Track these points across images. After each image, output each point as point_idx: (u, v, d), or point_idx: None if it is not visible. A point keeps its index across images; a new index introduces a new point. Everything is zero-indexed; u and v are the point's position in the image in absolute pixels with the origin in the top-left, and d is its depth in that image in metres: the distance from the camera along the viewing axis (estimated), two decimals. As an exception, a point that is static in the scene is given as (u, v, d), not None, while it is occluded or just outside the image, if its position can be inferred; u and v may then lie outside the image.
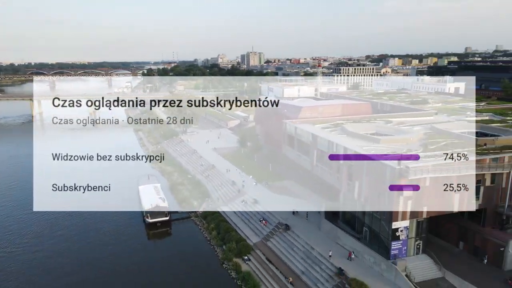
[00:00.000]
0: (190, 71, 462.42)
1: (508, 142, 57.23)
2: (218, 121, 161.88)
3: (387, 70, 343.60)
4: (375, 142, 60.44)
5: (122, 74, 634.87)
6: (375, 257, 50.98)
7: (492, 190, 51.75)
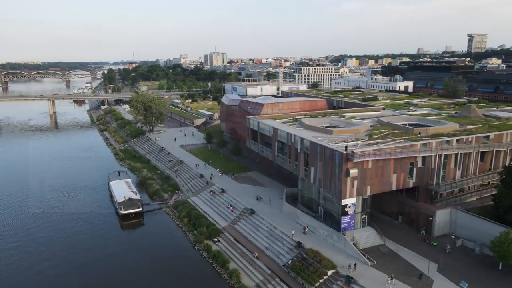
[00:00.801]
0: (153, 72, 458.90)
1: (438, 131, 67.35)
2: (184, 120, 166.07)
3: (345, 70, 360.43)
4: (328, 133, 68.61)
5: (80, 74, 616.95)
6: (328, 230, 59.02)
7: (423, 170, 61.26)
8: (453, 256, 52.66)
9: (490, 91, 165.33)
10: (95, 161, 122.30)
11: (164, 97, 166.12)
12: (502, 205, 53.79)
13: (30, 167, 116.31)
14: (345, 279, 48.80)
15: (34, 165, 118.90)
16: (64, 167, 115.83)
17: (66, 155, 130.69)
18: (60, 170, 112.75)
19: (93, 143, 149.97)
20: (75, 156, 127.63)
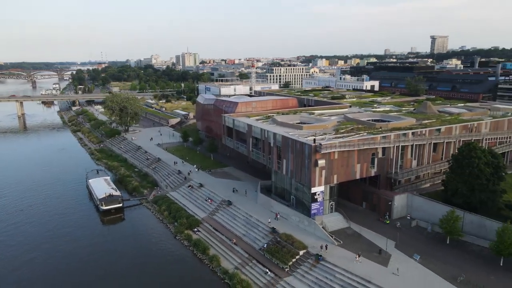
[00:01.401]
0: (124, 72, 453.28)
1: (396, 125, 74.55)
2: (159, 120, 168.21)
3: (315, 70, 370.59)
4: (299, 129, 74.29)
5: (47, 75, 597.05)
6: (300, 216, 64.72)
7: (384, 160, 68.08)
8: (408, 234, 59.57)
9: (448, 90, 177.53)
10: (70, 161, 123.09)
11: (138, 98, 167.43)
12: (450, 188, 61.23)
13: (3, 168, 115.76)
14: (315, 257, 54.55)
15: (7, 166, 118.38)
16: (39, 167, 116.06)
17: (40, 155, 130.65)
18: (35, 170, 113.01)
19: (67, 144, 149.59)
20: (50, 157, 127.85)
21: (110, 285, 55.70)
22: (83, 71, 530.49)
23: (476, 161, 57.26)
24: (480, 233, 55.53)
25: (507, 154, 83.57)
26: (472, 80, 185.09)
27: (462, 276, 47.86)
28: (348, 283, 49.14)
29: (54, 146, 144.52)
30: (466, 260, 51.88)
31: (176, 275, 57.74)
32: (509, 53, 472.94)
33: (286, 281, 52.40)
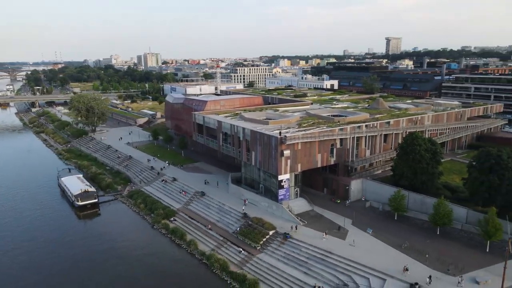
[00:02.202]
0: (83, 73, 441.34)
1: (352, 119, 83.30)
2: (126, 120, 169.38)
3: (277, 70, 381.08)
4: (265, 124, 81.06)
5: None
6: (269, 202, 71.60)
7: (341, 150, 76.42)
8: (363, 213, 68.04)
9: (400, 88, 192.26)
10: (38, 161, 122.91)
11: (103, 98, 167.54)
12: (397, 173, 70.50)
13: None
14: (283, 235, 61.53)
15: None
16: (5, 169, 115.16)
17: (5, 158, 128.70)
18: (3, 172, 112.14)
19: (31, 145, 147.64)
20: (16, 158, 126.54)
21: (97, 273, 59.17)
22: (38, 72, 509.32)
23: (418, 148, 66.62)
24: (421, 209, 64.93)
25: (446, 143, 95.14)
26: (421, 79, 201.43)
27: (406, 243, 56.68)
28: (313, 255, 56.53)
29: (19, 148, 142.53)
30: (410, 231, 60.94)
31: (156, 260, 62.36)
32: (455, 54, 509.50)
33: (258, 257, 58.95)
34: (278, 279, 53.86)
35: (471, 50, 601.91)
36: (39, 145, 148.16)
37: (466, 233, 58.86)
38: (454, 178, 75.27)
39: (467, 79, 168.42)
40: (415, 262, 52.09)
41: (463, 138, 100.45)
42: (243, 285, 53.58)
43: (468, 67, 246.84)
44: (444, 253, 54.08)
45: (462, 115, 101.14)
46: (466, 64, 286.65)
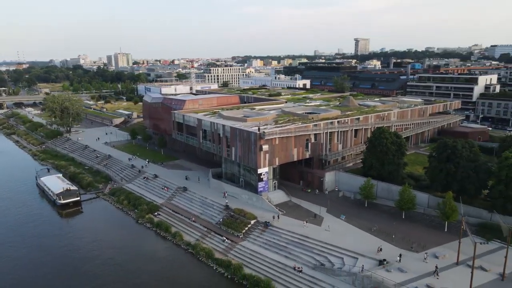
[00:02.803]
0: (51, 73, 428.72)
1: (325, 116, 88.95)
2: (102, 120, 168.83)
3: (251, 70, 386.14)
4: (243, 121, 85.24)
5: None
6: (249, 194, 75.90)
7: (316, 145, 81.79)
8: (336, 202, 73.60)
9: (368, 87, 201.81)
10: (12, 163, 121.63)
11: (78, 98, 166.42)
12: (366, 164, 76.61)
13: None
14: (264, 224, 66.02)
15: None
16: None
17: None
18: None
19: (2, 147, 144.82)
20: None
21: (86, 267, 61.23)
22: (3, 72, 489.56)
23: (385, 141, 72.85)
24: (389, 196, 71.19)
25: (411, 137, 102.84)
26: (388, 79, 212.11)
27: (375, 227, 62.55)
28: (291, 240, 61.33)
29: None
30: (379, 216, 66.97)
31: (144, 251, 65.26)
32: (420, 55, 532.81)
33: (241, 245, 63.11)
34: (260, 263, 58.23)
35: (435, 51, 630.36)
36: (11, 147, 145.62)
37: (428, 216, 65.51)
38: (417, 168, 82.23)
39: (429, 78, 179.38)
40: (384, 242, 57.88)
41: (426, 132, 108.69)
42: (228, 270, 57.58)
43: (431, 67, 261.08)
44: (409, 233, 60.27)
45: (424, 111, 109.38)
46: (429, 64, 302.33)
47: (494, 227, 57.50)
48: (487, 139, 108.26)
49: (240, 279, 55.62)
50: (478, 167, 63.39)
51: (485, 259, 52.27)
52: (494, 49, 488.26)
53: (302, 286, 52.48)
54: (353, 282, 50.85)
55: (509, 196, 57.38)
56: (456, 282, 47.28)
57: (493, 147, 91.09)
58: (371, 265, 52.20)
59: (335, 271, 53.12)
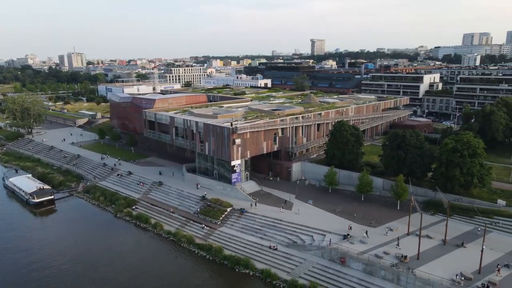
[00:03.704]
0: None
1: (290, 112, 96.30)
2: (64, 121, 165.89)
3: (212, 71, 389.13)
4: (214, 118, 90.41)
5: None
6: (223, 185, 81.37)
7: (283, 138, 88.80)
8: (304, 189, 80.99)
9: (326, 86, 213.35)
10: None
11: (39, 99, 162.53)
12: (329, 154, 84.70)
13: None
14: (239, 211, 71.85)
15: None
16: None
17: None
18: None
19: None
20: None
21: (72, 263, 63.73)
22: None
23: (345, 133, 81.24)
24: (349, 182, 79.62)
25: (367, 130, 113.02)
26: (344, 78, 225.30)
27: (339, 208, 70.54)
28: (266, 223, 67.70)
29: None
30: (342, 200, 75.13)
31: (128, 242, 68.73)
32: (372, 55, 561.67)
33: (220, 230, 68.52)
34: (239, 245, 64.00)
35: (385, 51, 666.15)
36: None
37: (383, 197, 74.66)
38: (373, 157, 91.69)
39: (381, 77, 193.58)
40: (347, 221, 65.81)
41: (380, 126, 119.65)
42: (209, 252, 62.78)
43: (382, 67, 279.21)
44: (368, 212, 68.81)
45: (378, 107, 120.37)
46: (381, 64, 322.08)
47: (437, 203, 67.40)
48: (432, 131, 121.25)
49: (221, 259, 61.04)
50: (423, 153, 73.34)
51: (430, 229, 61.66)
52: (438, 50, 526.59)
53: (278, 262, 58.91)
54: (322, 254, 58.09)
55: (449, 177, 67.46)
56: (408, 248, 55.83)
57: (437, 137, 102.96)
58: (337, 240, 59.73)
59: (306, 247, 60.16)
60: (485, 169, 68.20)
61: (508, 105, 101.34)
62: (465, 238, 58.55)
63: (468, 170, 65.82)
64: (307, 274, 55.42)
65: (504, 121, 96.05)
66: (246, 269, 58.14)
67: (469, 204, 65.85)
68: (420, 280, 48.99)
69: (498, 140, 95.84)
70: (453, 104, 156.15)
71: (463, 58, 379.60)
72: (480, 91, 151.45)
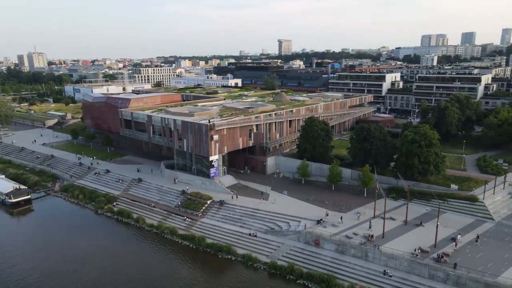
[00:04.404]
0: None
1: (263, 109, 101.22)
2: (32, 122, 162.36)
3: (181, 71, 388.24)
4: (191, 116, 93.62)
5: None
6: (202, 180, 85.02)
7: (258, 134, 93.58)
8: (279, 181, 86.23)
9: (295, 85, 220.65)
10: None
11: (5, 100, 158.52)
12: (301, 148, 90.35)
13: None
14: (219, 202, 75.89)
15: None
16: None
17: None
18: None
19: None
20: None
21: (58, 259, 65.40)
22: None
23: (315, 128, 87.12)
24: (321, 174, 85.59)
25: (335, 126, 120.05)
26: (312, 77, 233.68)
27: (312, 197, 76.20)
28: (245, 213, 72.17)
29: None
30: (314, 190, 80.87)
31: (111, 236, 70.97)
32: (337, 56, 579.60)
33: (201, 221, 72.27)
34: (220, 234, 68.05)
35: (350, 52, 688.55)
36: None
37: (351, 186, 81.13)
38: (342, 151, 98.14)
39: (347, 76, 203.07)
40: (320, 208, 71.46)
41: (347, 122, 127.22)
42: (193, 242, 66.44)
43: (348, 67, 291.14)
44: (338, 200, 74.87)
45: (344, 104, 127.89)
46: (346, 64, 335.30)
47: (399, 189, 74.64)
48: (394, 126, 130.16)
49: (204, 247, 64.89)
50: (386, 144, 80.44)
51: (393, 212, 68.50)
52: (399, 51, 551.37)
53: (258, 247, 63.56)
54: (298, 238, 63.31)
55: (408, 165, 74.78)
56: (375, 229, 62.10)
57: (398, 131, 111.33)
58: (311, 225, 65.13)
59: (283, 232, 65.21)
60: (440, 158, 76.07)
61: (460, 101, 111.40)
62: (423, 219, 65.73)
63: (425, 158, 73.36)
64: (284, 256, 60.43)
65: (457, 115, 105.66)
66: (228, 255, 62.34)
67: (426, 189, 73.47)
68: (385, 255, 55.26)
69: (452, 133, 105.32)
70: (413, 101, 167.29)
71: (422, 58, 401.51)
72: (436, 89, 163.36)
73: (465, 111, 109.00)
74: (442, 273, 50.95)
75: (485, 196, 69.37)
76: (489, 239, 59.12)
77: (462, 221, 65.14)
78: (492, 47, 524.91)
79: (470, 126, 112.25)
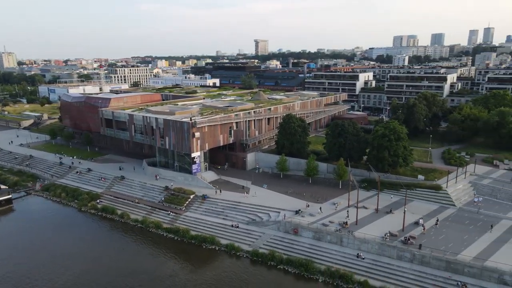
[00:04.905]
0: None
1: (242, 108, 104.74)
2: (7, 123, 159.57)
3: (158, 71, 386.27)
4: (172, 114, 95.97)
5: None
6: (185, 176, 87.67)
7: (238, 131, 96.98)
8: (259, 176, 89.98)
9: (273, 84, 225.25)
10: None
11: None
12: (279, 145, 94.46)
13: None
14: (202, 197, 78.87)
15: None
16: None
17: None
18: None
19: None
20: None
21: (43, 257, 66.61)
22: None
23: (293, 124, 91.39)
24: (298, 168, 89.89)
25: (311, 123, 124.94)
26: (289, 77, 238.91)
27: (290, 190, 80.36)
28: (227, 206, 75.49)
29: None
30: (292, 183, 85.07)
31: (96, 232, 72.66)
32: (313, 56, 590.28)
33: (185, 215, 75.06)
34: (204, 226, 71.10)
35: (325, 52, 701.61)
36: None
37: (327, 179, 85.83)
38: (318, 147, 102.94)
39: (323, 76, 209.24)
40: (298, 200, 75.70)
41: (322, 119, 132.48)
42: (177, 234, 69.18)
43: (323, 67, 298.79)
44: (315, 192, 79.34)
45: (320, 102, 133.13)
46: (321, 64, 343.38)
47: (371, 180, 79.89)
48: (367, 123, 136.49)
49: (189, 239, 67.78)
50: (359, 139, 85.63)
51: (366, 201, 73.54)
52: (372, 51, 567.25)
53: (240, 237, 67.04)
54: (278, 228, 67.23)
55: (379, 158, 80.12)
56: (349, 217, 66.87)
57: (371, 128, 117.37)
58: (290, 215, 69.15)
59: (264, 223, 69.00)
60: (408, 151, 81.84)
61: (427, 99, 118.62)
62: (393, 207, 71.04)
63: (394, 152, 78.88)
64: (266, 245, 64.18)
65: (425, 112, 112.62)
66: (212, 245, 65.52)
67: (395, 180, 79.05)
68: (358, 239, 59.96)
69: (420, 128, 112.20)
70: (385, 99, 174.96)
71: (394, 58, 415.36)
72: (406, 87, 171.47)
73: (432, 108, 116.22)
74: (409, 254, 56.05)
75: (448, 185, 75.53)
76: (451, 223, 64.94)
77: (428, 208, 70.91)
78: (459, 48, 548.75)
79: (436, 122, 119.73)
